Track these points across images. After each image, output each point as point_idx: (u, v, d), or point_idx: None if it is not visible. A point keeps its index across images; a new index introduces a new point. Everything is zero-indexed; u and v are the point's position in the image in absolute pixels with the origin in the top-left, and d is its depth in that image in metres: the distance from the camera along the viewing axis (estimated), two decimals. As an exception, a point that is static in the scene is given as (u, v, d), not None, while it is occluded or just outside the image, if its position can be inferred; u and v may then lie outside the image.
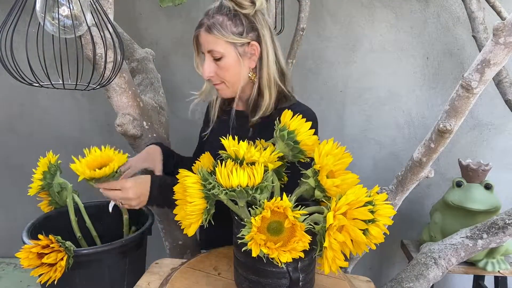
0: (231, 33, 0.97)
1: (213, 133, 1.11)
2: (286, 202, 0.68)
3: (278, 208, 0.69)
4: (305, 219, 0.69)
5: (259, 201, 0.72)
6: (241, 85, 1.02)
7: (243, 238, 0.69)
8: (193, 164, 0.96)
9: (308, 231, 0.69)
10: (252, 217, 0.69)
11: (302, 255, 0.68)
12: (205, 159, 0.90)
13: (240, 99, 1.07)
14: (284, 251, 0.67)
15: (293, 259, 0.68)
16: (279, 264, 0.68)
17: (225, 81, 1.02)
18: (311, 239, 0.69)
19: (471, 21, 1.58)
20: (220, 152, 0.83)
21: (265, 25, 1.00)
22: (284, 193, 0.72)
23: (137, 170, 1.12)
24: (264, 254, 0.67)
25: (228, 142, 0.82)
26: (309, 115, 0.97)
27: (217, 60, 0.99)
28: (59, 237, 0.96)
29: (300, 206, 0.71)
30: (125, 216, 1.19)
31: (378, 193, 0.73)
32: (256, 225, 0.67)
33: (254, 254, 0.67)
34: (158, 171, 1.14)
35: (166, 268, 0.95)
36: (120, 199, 0.93)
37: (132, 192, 0.93)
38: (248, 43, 0.99)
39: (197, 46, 1.03)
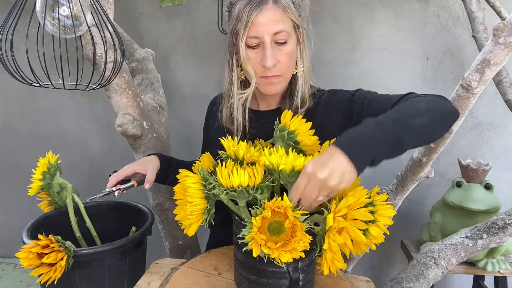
0: (297, 13, 0.87)
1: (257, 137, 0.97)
2: (287, 202, 0.68)
3: (278, 208, 0.69)
4: (305, 219, 0.69)
5: (260, 201, 0.72)
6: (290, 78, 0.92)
7: (244, 238, 0.69)
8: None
9: (308, 231, 0.69)
10: (252, 217, 0.69)
11: (302, 255, 0.68)
12: (205, 159, 0.90)
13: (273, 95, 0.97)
14: (284, 251, 0.67)
15: (293, 259, 0.68)
16: (280, 264, 0.68)
17: (284, 72, 0.89)
18: (311, 239, 0.69)
19: (471, 21, 1.58)
20: (219, 152, 0.83)
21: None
22: (284, 193, 0.72)
23: (127, 172, 0.99)
24: (265, 254, 0.67)
25: (228, 143, 0.82)
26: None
27: (281, 44, 0.87)
28: (59, 237, 0.96)
29: (300, 206, 0.71)
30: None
31: (378, 193, 0.73)
32: (257, 225, 0.67)
33: (254, 254, 0.67)
34: (150, 173, 1.01)
35: (166, 268, 0.95)
36: (316, 192, 0.66)
37: (310, 168, 0.66)
38: (299, 28, 0.90)
39: (246, 33, 0.85)
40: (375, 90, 0.92)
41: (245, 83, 0.95)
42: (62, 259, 0.92)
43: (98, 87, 0.95)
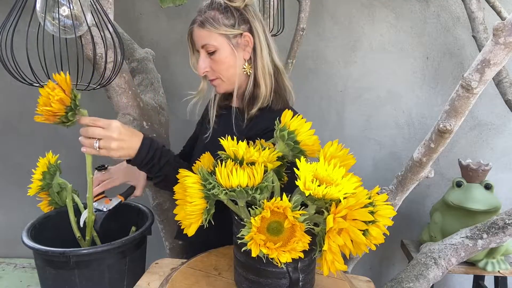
0: (223, 25, 0.99)
1: (215, 132, 1.10)
2: (286, 202, 0.68)
3: (277, 208, 0.69)
4: (305, 219, 0.69)
5: (259, 201, 0.72)
6: (237, 78, 1.03)
7: (243, 238, 0.69)
8: (191, 163, 0.93)
9: (308, 231, 0.69)
10: (251, 217, 0.69)
11: (301, 255, 0.68)
12: (205, 159, 0.90)
13: (236, 95, 1.07)
14: (283, 251, 0.67)
15: (293, 259, 0.68)
16: (279, 264, 0.68)
17: (220, 75, 1.03)
18: (311, 240, 0.69)
19: (471, 21, 1.58)
20: (219, 152, 0.83)
21: (256, 18, 1.03)
22: (284, 193, 0.72)
23: (116, 183, 1.12)
24: (264, 254, 0.67)
25: (227, 143, 0.82)
26: None
27: (211, 54, 1.00)
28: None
29: (300, 206, 0.71)
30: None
31: (378, 194, 0.73)
32: (256, 225, 0.67)
33: (253, 254, 0.67)
34: (141, 187, 1.14)
35: (166, 268, 0.95)
36: (100, 137, 0.84)
37: (117, 132, 0.85)
38: (241, 34, 1.00)
39: (191, 45, 1.05)
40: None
41: None
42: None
43: (98, 87, 0.95)
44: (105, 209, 1.05)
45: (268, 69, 1.03)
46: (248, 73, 1.03)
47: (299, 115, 0.86)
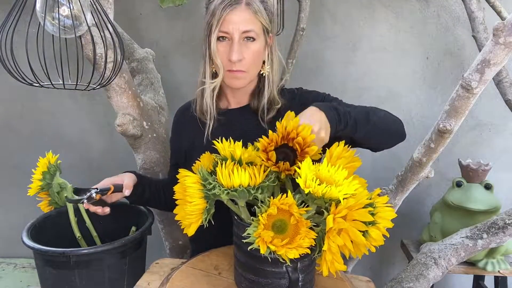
0: (266, 15, 0.96)
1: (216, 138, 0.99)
2: (291, 199, 0.69)
3: (283, 204, 0.69)
4: (308, 217, 0.70)
5: (262, 200, 0.73)
6: (254, 76, 1.01)
7: (248, 237, 0.69)
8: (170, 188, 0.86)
9: (310, 229, 0.69)
10: (258, 215, 0.69)
11: (308, 251, 0.68)
12: (205, 159, 0.90)
13: (245, 92, 1.04)
14: (290, 248, 0.67)
15: (293, 259, 0.68)
16: (287, 261, 0.68)
17: (249, 68, 0.96)
18: (316, 235, 0.69)
19: (471, 21, 1.58)
20: (214, 155, 0.83)
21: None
22: (289, 191, 0.72)
23: (104, 185, 1.00)
24: (271, 251, 0.67)
25: (222, 145, 0.82)
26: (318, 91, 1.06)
27: (249, 41, 0.94)
28: None
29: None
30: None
31: (379, 196, 0.73)
32: (263, 222, 0.68)
33: (262, 252, 0.67)
34: (128, 180, 1.04)
35: (166, 268, 0.95)
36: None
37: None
38: (268, 32, 0.98)
39: (216, 27, 0.93)
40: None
41: (216, 76, 1.01)
42: None
43: (98, 87, 0.95)
44: (95, 190, 0.94)
45: (279, 73, 1.03)
46: (265, 74, 1.00)
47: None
